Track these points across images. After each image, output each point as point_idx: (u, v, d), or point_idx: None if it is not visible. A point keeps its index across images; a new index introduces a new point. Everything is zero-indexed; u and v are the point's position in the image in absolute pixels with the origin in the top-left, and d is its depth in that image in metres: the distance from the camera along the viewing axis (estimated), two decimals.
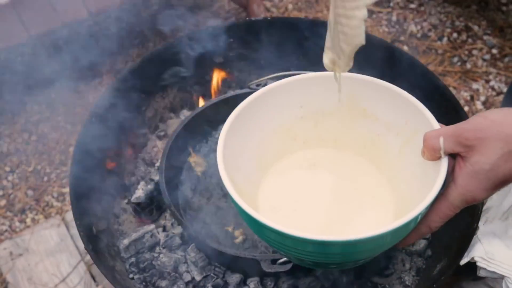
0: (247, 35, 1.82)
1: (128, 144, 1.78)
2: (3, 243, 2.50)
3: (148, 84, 1.80)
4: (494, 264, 1.32)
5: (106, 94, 1.69)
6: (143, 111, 1.84)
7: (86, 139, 1.59)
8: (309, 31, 1.85)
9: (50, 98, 2.98)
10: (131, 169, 1.79)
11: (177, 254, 1.57)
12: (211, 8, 3.39)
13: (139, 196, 1.62)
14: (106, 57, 3.08)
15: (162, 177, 1.50)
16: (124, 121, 1.73)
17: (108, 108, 1.68)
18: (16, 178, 2.72)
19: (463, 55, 3.10)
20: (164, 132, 1.86)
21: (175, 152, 1.60)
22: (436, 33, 3.20)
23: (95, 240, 1.46)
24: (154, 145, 1.82)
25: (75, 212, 1.41)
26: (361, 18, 0.94)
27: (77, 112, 2.92)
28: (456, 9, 3.32)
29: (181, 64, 1.83)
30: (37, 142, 2.83)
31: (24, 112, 2.93)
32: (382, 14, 3.33)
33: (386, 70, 1.78)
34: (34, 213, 2.62)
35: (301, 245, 0.91)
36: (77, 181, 1.51)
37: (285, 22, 1.83)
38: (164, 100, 1.88)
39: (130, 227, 1.66)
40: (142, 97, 1.80)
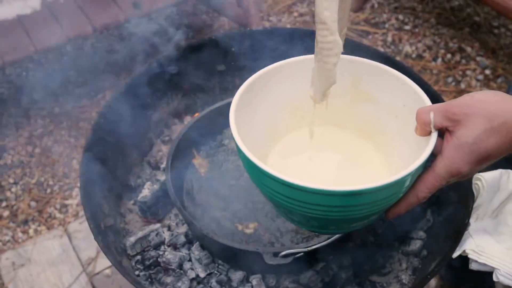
0: (249, 44, 1.91)
1: (134, 148, 1.85)
2: (6, 253, 2.54)
3: (153, 91, 1.87)
4: (484, 257, 1.39)
5: (114, 98, 1.76)
6: (149, 116, 1.91)
7: (94, 142, 1.66)
8: (309, 41, 1.94)
9: (54, 112, 3.06)
10: (137, 172, 1.85)
11: (182, 252, 1.63)
12: (211, 28, 3.50)
13: (145, 195, 1.68)
14: (109, 73, 3.18)
15: (168, 176, 1.57)
16: (131, 125, 1.80)
17: (116, 112, 1.75)
18: (20, 189, 2.78)
19: (457, 75, 3.21)
20: (168, 137, 1.93)
21: (180, 154, 1.67)
22: (431, 54, 3.32)
23: (103, 233, 1.52)
24: (159, 149, 1.90)
25: (85, 205, 1.47)
26: (333, 63, 1.07)
27: (81, 126, 3.00)
28: (449, 31, 3.44)
29: (184, 72, 1.91)
30: (40, 155, 2.90)
31: (28, 126, 3.00)
32: (378, 35, 3.45)
33: None
34: (37, 224, 2.67)
35: (303, 196, 0.98)
36: (87, 180, 1.58)
37: (285, 32, 1.92)
38: (169, 107, 1.96)
39: (136, 226, 1.72)
40: (148, 103, 1.88)
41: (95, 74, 3.17)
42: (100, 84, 3.14)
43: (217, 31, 3.48)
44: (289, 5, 3.69)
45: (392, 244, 1.64)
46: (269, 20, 3.57)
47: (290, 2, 3.71)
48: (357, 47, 1.89)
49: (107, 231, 1.57)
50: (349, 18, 3.16)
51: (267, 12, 3.64)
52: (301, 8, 3.68)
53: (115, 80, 3.16)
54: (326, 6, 1.02)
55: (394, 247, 1.65)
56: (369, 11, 3.64)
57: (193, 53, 1.91)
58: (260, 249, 1.43)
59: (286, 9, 3.66)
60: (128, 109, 1.78)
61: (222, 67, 1.94)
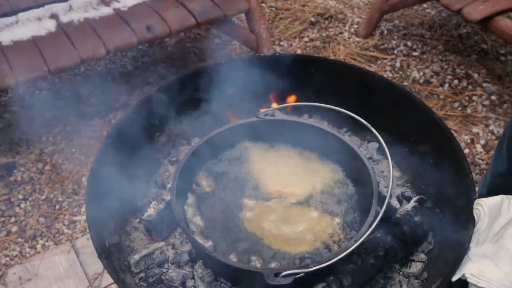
0: (257, 69, 1.95)
1: (142, 168, 1.88)
2: (13, 268, 2.57)
3: (162, 111, 1.91)
4: (483, 281, 1.40)
5: (122, 119, 1.80)
6: (156, 137, 1.95)
7: (102, 161, 1.69)
8: (314, 67, 1.98)
9: (66, 130, 3.11)
10: (143, 191, 1.88)
11: (185, 270, 1.65)
12: (223, 51, 3.56)
13: (150, 214, 1.71)
14: (121, 94, 3.24)
15: (174, 195, 1.59)
16: (138, 146, 1.84)
17: (123, 133, 1.79)
18: (29, 205, 2.81)
19: (464, 100, 3.23)
20: (175, 157, 1.96)
21: (185, 174, 1.70)
22: (438, 79, 3.35)
23: (108, 252, 1.54)
24: (166, 169, 1.93)
25: (90, 224, 1.50)
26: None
27: (91, 144, 3.04)
28: (456, 57, 3.48)
29: (193, 95, 1.95)
30: (50, 171, 2.94)
31: (39, 143, 3.05)
32: (386, 60, 3.49)
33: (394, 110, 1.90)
34: (45, 240, 2.70)
35: None
36: (93, 199, 1.61)
37: (293, 59, 1.96)
38: (177, 128, 2.00)
39: (141, 244, 1.75)
40: (156, 124, 1.91)
41: (107, 94, 3.23)
42: (111, 104, 3.19)
43: (228, 54, 3.53)
44: (300, 31, 3.75)
45: (393, 266, 1.66)
46: (280, 45, 3.62)
47: (301, 28, 3.76)
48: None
49: (111, 249, 1.59)
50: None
51: (278, 37, 3.69)
52: (311, 34, 3.74)
53: (126, 100, 3.22)
54: None
55: (395, 268, 1.66)
56: (378, 37, 3.69)
57: (202, 77, 1.95)
58: (261, 270, 1.45)
59: (297, 34, 3.72)
60: (136, 130, 1.82)
61: (231, 91, 1.97)
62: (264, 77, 1.93)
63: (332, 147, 1.80)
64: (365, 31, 3.68)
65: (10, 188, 2.88)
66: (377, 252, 1.59)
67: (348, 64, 1.97)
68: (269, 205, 1.72)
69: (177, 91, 1.93)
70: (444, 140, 1.69)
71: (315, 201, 1.72)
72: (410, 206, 1.68)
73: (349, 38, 3.69)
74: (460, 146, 1.66)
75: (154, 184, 1.91)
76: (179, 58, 3.50)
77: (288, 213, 1.70)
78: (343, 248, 1.49)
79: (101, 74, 3.38)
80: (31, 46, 2.83)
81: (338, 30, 3.79)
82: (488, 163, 2.88)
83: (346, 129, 2.04)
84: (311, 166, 1.83)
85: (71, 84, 3.33)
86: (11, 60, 2.74)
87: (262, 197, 1.74)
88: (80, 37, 2.87)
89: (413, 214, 1.66)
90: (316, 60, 1.98)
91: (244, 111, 1.96)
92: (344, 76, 1.97)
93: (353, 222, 1.66)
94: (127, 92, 3.22)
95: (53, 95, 3.29)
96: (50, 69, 2.74)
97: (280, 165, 1.83)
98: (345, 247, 1.49)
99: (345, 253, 1.45)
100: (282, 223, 1.67)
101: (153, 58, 3.50)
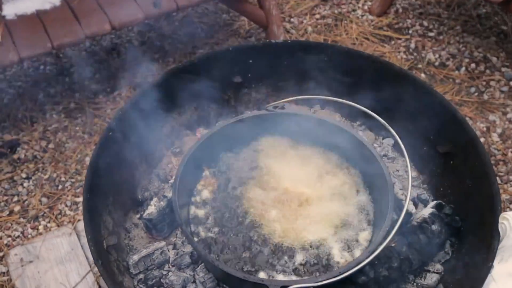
0: (267, 57, 1.79)
1: (143, 160, 1.75)
2: (14, 249, 2.47)
3: (166, 101, 1.77)
4: None
5: (124, 108, 1.67)
6: (160, 127, 1.80)
7: (101, 152, 1.56)
8: (327, 55, 1.82)
9: (70, 107, 2.97)
10: (144, 184, 1.76)
11: (186, 273, 1.53)
12: (231, 27, 3.38)
13: (151, 212, 1.59)
14: (126, 71, 3.08)
15: (176, 195, 1.46)
16: (141, 136, 1.70)
17: (125, 122, 1.65)
18: (32, 185, 2.70)
19: (481, 86, 3.05)
20: (179, 148, 1.82)
21: (189, 171, 1.57)
22: (454, 62, 3.16)
23: (104, 255, 1.42)
24: (169, 161, 1.79)
25: (87, 226, 1.38)
26: None
27: (95, 122, 2.91)
28: (474, 39, 3.28)
29: (199, 83, 1.79)
30: (54, 150, 2.81)
31: (43, 120, 2.92)
32: (400, 40, 3.29)
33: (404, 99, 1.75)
34: (47, 221, 2.59)
35: None
36: (91, 195, 1.48)
37: (304, 46, 1.80)
38: (181, 118, 1.86)
39: (141, 243, 1.63)
40: (160, 113, 1.77)
41: (112, 70, 3.08)
42: (117, 81, 3.04)
43: (237, 31, 3.35)
44: (311, 7, 3.55)
45: (406, 276, 1.53)
46: (291, 22, 3.43)
47: (312, 4, 3.57)
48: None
49: (109, 250, 1.47)
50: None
51: (288, 13, 3.50)
52: (323, 11, 3.54)
53: (132, 77, 3.07)
54: None
55: (409, 279, 1.53)
56: (393, 16, 3.48)
57: (209, 63, 1.79)
58: (266, 282, 1.33)
59: (308, 11, 3.52)
60: (138, 119, 1.68)
61: (238, 79, 1.82)
62: (274, 65, 1.78)
63: (344, 143, 1.66)
64: (379, 9, 3.47)
65: (13, 166, 2.76)
66: (390, 263, 1.46)
67: (365, 53, 1.80)
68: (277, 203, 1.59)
69: (181, 79, 1.78)
70: (468, 142, 1.54)
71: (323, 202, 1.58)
72: (427, 213, 1.54)
73: (362, 16, 3.49)
74: (486, 150, 1.50)
75: (156, 177, 1.78)
76: (186, 33, 3.32)
77: (295, 212, 1.57)
78: (354, 261, 1.36)
79: (107, 50, 3.22)
80: (35, 21, 2.67)
81: (351, 7, 3.59)
82: (504, 153, 2.72)
83: (360, 122, 1.89)
84: (320, 162, 1.69)
85: (76, 59, 3.17)
86: (15, 35, 2.59)
87: (271, 195, 1.60)
88: (85, 12, 2.71)
89: (431, 222, 1.52)
90: (329, 48, 1.82)
91: (251, 101, 1.82)
92: (359, 66, 1.81)
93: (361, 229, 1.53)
94: (132, 68, 3.07)
95: (58, 71, 3.14)
96: (54, 45, 2.58)
97: (288, 161, 1.69)
98: (357, 259, 1.36)
99: (357, 267, 1.33)
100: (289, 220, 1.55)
101: (160, 33, 3.33)
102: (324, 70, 1.82)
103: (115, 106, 2.97)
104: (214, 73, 1.80)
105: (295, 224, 1.53)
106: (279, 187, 1.62)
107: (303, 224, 1.53)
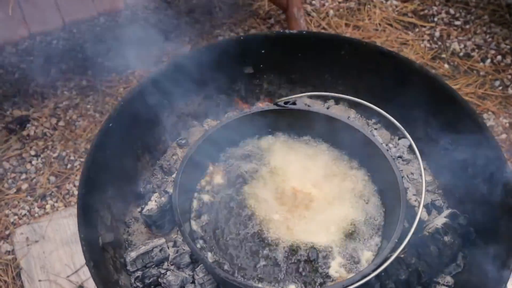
0: (280, 48, 1.69)
1: (147, 151, 1.67)
2: (21, 227, 2.43)
3: (173, 89, 1.68)
4: None
5: (130, 94, 1.58)
6: (165, 117, 1.72)
7: (101, 143, 1.49)
8: (344, 49, 1.72)
9: (82, 85, 2.91)
10: (147, 176, 1.68)
11: (185, 273, 1.47)
12: (250, 7, 3.26)
13: (151, 208, 1.51)
14: (140, 49, 3.00)
15: (176, 193, 1.38)
16: (144, 126, 1.63)
17: (128, 112, 1.57)
18: (40, 162, 2.65)
19: (506, 79, 2.91)
20: (185, 140, 1.74)
21: (193, 166, 1.48)
22: (480, 53, 3.02)
23: (99, 254, 1.36)
24: (173, 152, 1.71)
25: (80, 224, 1.31)
26: None
27: (107, 101, 2.84)
28: (502, 30, 3.12)
29: (208, 72, 1.70)
30: (64, 128, 2.76)
31: (54, 97, 2.86)
32: (425, 28, 3.15)
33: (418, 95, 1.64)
34: (54, 200, 2.55)
35: None
36: (87, 190, 1.41)
37: (320, 38, 1.69)
38: (188, 107, 1.77)
39: (140, 238, 1.56)
40: (165, 102, 1.69)
41: (126, 48, 2.99)
42: (130, 59, 2.96)
43: (256, 12, 3.24)
44: None
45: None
46: (312, 4, 3.30)
47: None
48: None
49: (105, 247, 1.41)
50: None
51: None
52: None
53: (146, 55, 2.98)
54: None
55: None
56: (418, 2, 3.33)
57: (220, 52, 1.70)
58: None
59: None
60: (143, 108, 1.60)
61: (250, 70, 1.72)
62: (288, 57, 1.68)
63: (355, 143, 1.56)
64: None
65: (22, 143, 2.71)
66: (398, 275, 1.37)
67: (384, 50, 1.68)
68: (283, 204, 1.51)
69: (190, 67, 1.68)
70: (489, 153, 1.43)
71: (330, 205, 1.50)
72: (440, 223, 1.45)
73: (387, 1, 3.34)
74: (507, 160, 1.40)
75: (160, 169, 1.70)
76: (203, 12, 3.22)
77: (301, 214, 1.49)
78: (359, 273, 1.28)
79: (121, 27, 3.13)
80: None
81: None
82: None
83: (375, 120, 1.78)
84: (330, 162, 1.60)
85: (90, 35, 3.09)
86: (25, 10, 2.51)
87: (276, 194, 1.52)
88: None
89: (443, 233, 1.42)
90: (347, 42, 1.71)
91: (263, 93, 1.72)
92: (378, 62, 1.70)
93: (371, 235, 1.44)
94: (147, 47, 2.98)
95: (71, 46, 3.06)
96: (65, 21, 2.50)
97: (297, 159, 1.60)
98: (362, 272, 1.27)
99: (363, 281, 1.25)
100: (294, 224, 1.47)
101: (176, 11, 3.23)
102: (340, 64, 1.72)
103: (127, 85, 2.90)
104: (225, 62, 1.70)
105: (299, 228, 1.44)
106: (286, 186, 1.53)
107: (308, 228, 1.44)
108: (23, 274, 2.31)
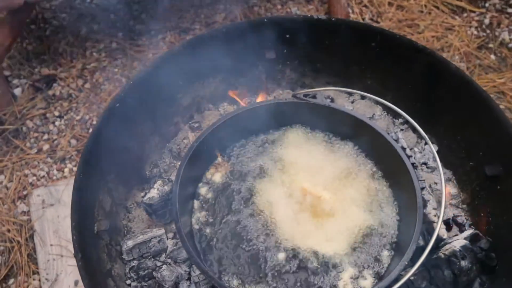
0: (307, 34, 1.55)
1: (156, 132, 1.57)
2: (38, 189, 2.39)
3: (189, 68, 1.56)
4: None
5: (140, 74, 1.48)
6: (178, 98, 1.61)
7: (107, 121, 1.39)
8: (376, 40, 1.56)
9: (111, 47, 2.82)
10: (155, 159, 1.59)
11: (182, 268, 1.38)
12: None
13: (152, 196, 1.42)
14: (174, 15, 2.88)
15: (177, 188, 1.28)
16: (155, 107, 1.52)
17: (138, 91, 1.47)
18: (63, 124, 2.59)
19: None
20: (198, 123, 1.63)
21: (199, 158, 1.38)
22: None
23: (93, 241, 1.28)
24: (185, 136, 1.61)
25: (74, 211, 1.23)
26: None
27: (134, 66, 2.74)
28: None
29: (229, 53, 1.57)
30: (90, 90, 2.68)
31: (83, 58, 2.78)
32: (474, 14, 2.91)
33: None
34: (73, 164, 2.49)
35: None
36: (85, 173, 1.33)
37: (350, 26, 1.54)
38: (204, 90, 1.65)
39: (140, 226, 1.48)
40: (180, 84, 1.57)
41: (159, 13, 2.88)
42: (162, 24, 2.84)
43: None
44: None
45: None
46: None
47: None
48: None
49: (101, 234, 1.33)
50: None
51: None
52: None
53: (177, 22, 2.86)
54: None
55: None
56: None
57: (242, 33, 1.56)
58: None
59: None
60: (155, 87, 1.49)
61: (272, 55, 1.59)
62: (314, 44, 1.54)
63: (375, 145, 1.43)
64: None
65: (47, 103, 2.65)
66: None
67: (419, 46, 1.52)
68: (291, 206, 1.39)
69: (209, 47, 1.56)
70: None
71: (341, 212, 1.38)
72: (459, 245, 1.31)
73: None
74: None
75: (169, 152, 1.60)
76: None
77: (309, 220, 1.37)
78: None
79: None
80: None
81: None
82: None
83: (403, 120, 1.63)
84: (345, 163, 1.47)
85: None
86: None
87: (285, 194, 1.41)
88: None
89: (461, 257, 1.28)
90: (379, 33, 1.54)
91: (284, 79, 1.59)
92: (411, 58, 1.53)
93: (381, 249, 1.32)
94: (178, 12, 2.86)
95: (105, 6, 2.96)
96: None
97: (311, 157, 1.48)
98: None
99: None
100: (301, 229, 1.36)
101: None
102: (370, 56, 1.57)
103: (157, 51, 2.79)
104: (246, 45, 1.57)
105: (306, 235, 1.33)
106: (296, 186, 1.41)
107: (316, 236, 1.33)
108: (36, 236, 2.27)
